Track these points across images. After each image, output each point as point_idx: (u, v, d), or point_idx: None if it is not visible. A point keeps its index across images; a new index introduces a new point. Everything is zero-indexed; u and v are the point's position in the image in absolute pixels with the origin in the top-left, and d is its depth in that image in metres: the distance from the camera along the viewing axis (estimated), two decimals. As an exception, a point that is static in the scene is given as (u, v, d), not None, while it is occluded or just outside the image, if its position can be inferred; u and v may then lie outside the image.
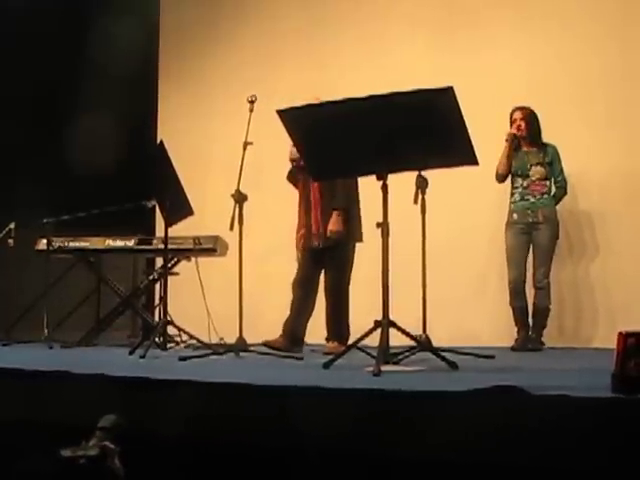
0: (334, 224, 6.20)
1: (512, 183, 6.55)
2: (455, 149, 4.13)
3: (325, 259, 6.35)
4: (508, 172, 6.52)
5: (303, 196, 6.43)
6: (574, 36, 7.12)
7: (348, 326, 6.31)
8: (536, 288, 6.46)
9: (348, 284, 6.36)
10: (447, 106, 3.97)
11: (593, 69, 6.98)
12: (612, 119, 6.88)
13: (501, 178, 6.56)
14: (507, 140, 6.46)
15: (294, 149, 5.96)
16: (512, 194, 6.55)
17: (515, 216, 6.50)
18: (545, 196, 6.47)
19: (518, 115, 6.51)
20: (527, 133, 6.50)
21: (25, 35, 8.65)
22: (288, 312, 6.43)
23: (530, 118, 6.51)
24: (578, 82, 7.04)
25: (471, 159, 4.17)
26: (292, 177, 6.49)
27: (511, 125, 6.53)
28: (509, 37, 7.42)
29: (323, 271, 6.43)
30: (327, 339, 6.33)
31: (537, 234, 6.45)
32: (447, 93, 3.94)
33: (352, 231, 6.33)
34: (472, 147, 4.11)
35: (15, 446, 3.51)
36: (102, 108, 8.38)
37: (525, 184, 6.46)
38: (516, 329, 6.50)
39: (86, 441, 2.48)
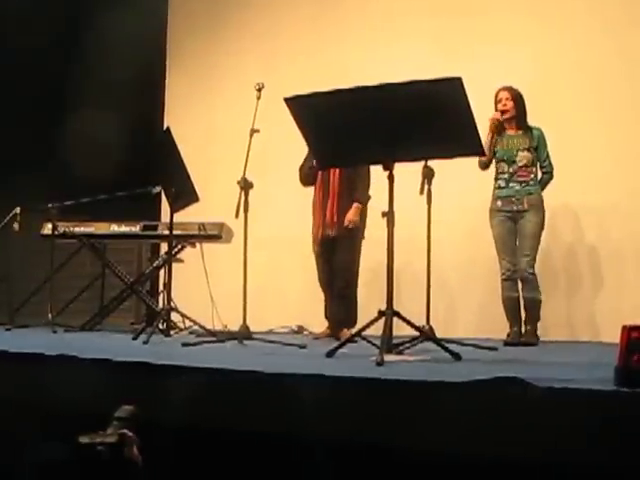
0: (354, 214, 6.40)
1: (497, 169, 6.28)
2: (462, 139, 4.12)
3: (335, 250, 6.44)
4: (491, 159, 6.25)
5: (321, 192, 6.55)
6: (582, 25, 7.08)
7: (356, 311, 6.38)
8: (521, 279, 6.17)
9: (358, 272, 6.47)
10: (455, 96, 3.95)
11: (606, 60, 6.93)
12: (621, 110, 6.85)
13: (484, 166, 6.27)
14: (490, 128, 6.17)
15: None
16: (496, 179, 6.29)
17: (499, 203, 6.24)
18: (531, 183, 6.20)
19: (504, 95, 6.26)
20: (514, 114, 6.24)
21: (34, 23, 8.65)
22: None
23: (517, 98, 6.27)
24: (586, 72, 7.01)
25: (478, 149, 4.17)
26: (310, 176, 6.60)
27: (496, 106, 6.27)
28: (514, 27, 7.37)
29: (333, 263, 6.51)
30: (338, 327, 6.34)
31: (523, 222, 6.18)
32: (455, 83, 3.93)
33: (363, 225, 6.53)
34: (479, 138, 4.10)
35: (18, 430, 3.52)
36: (109, 96, 8.38)
37: (511, 170, 6.19)
38: (508, 323, 6.23)
39: (103, 430, 2.49)
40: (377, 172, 4.36)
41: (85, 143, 7.92)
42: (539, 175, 6.29)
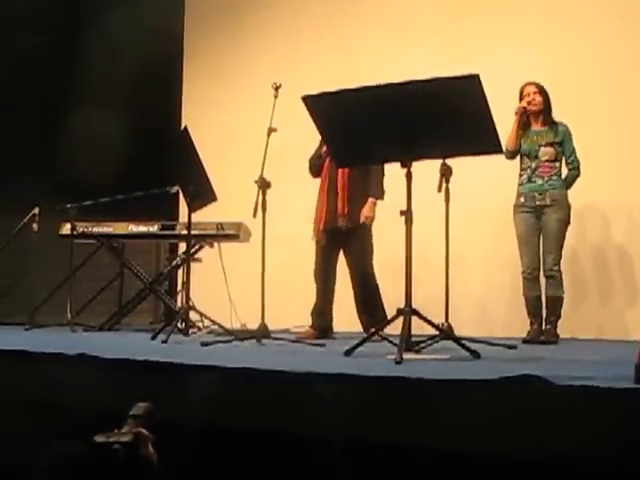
0: (370, 211, 6.38)
1: (520, 164, 6.23)
2: (480, 137, 4.10)
3: (347, 243, 6.44)
4: (518, 148, 6.18)
5: (327, 179, 6.48)
6: (597, 22, 7.03)
7: (383, 306, 6.36)
8: (546, 276, 6.10)
9: (372, 264, 6.49)
10: (473, 94, 3.95)
11: (623, 57, 6.89)
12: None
13: (510, 155, 6.19)
14: (516, 113, 6.14)
15: None
16: (520, 175, 6.23)
17: (522, 199, 6.18)
18: (554, 178, 6.12)
19: (532, 89, 6.20)
20: (542, 108, 6.19)
21: (47, 16, 8.69)
22: (310, 299, 6.45)
23: (543, 92, 6.21)
24: (603, 70, 6.97)
25: (496, 147, 4.16)
26: (318, 165, 6.57)
27: (521, 100, 6.21)
28: (530, 25, 7.33)
29: (346, 258, 6.49)
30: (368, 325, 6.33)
31: (546, 218, 6.10)
32: (473, 81, 3.92)
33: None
34: (497, 135, 4.09)
35: (36, 430, 3.53)
36: (127, 96, 8.40)
37: (533, 165, 6.13)
38: (529, 321, 6.17)
39: (119, 428, 2.48)
40: (395, 170, 4.34)
41: (103, 143, 7.93)
42: (564, 171, 6.21)
